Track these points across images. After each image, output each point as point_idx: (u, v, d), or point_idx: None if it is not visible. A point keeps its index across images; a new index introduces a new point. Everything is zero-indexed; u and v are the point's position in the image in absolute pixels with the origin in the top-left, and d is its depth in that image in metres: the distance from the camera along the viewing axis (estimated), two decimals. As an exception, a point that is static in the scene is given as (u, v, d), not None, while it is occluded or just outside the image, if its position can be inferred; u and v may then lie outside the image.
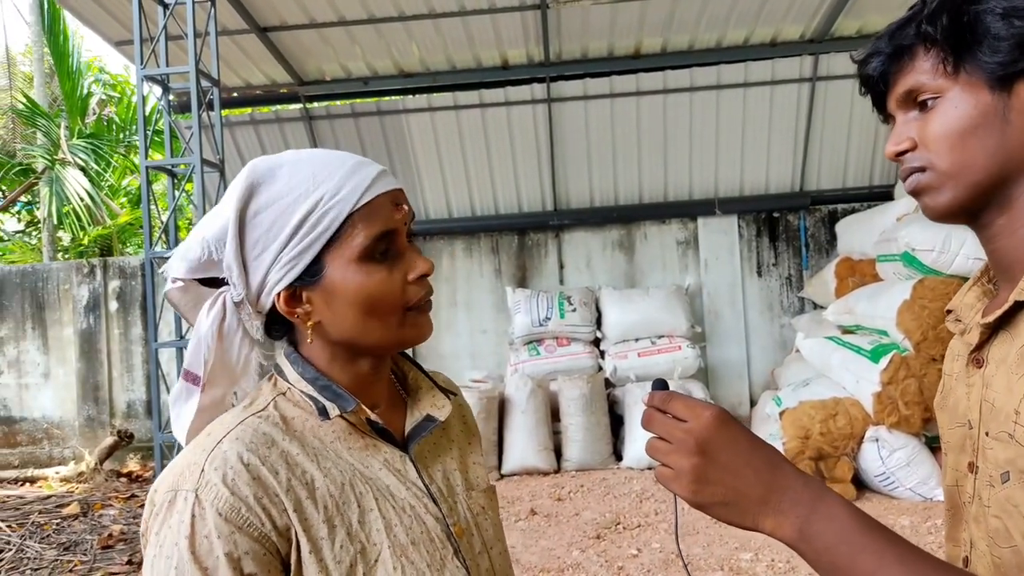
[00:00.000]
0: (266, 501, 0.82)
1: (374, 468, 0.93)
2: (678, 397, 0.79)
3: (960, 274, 4.82)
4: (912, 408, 4.57)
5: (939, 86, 0.83)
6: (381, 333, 0.91)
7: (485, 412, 5.81)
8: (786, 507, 0.73)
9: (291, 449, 0.87)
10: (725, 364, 6.99)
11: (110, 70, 14.23)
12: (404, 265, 0.92)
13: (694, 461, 0.75)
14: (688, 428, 0.76)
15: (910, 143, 0.86)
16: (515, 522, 4.77)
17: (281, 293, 0.89)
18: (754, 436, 0.78)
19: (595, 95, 6.66)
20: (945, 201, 0.84)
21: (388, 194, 0.92)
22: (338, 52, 6.35)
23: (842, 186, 7.06)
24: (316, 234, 0.87)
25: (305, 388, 0.92)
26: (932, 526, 4.23)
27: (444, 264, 7.25)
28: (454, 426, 1.11)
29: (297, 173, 0.89)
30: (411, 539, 0.90)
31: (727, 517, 0.75)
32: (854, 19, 6.16)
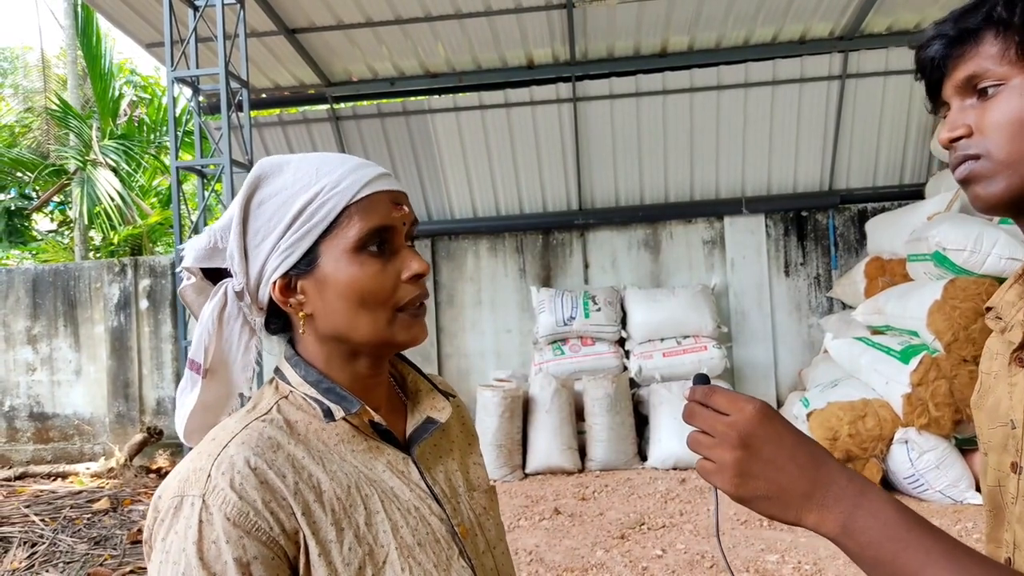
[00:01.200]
0: (274, 505, 0.82)
1: (378, 470, 0.93)
2: (720, 391, 0.78)
3: (992, 274, 4.74)
4: (942, 409, 4.51)
5: (1004, 73, 0.80)
6: (370, 329, 0.91)
7: (509, 411, 5.81)
8: (830, 502, 0.72)
9: (297, 452, 0.87)
10: (752, 365, 6.93)
11: (141, 72, 14.44)
12: (399, 263, 0.93)
13: (737, 455, 0.74)
14: (731, 422, 0.75)
15: (966, 129, 0.83)
16: (539, 521, 4.77)
17: (276, 282, 0.91)
18: (798, 431, 0.77)
19: (621, 94, 6.64)
20: (998, 191, 0.81)
21: (388, 193, 0.93)
22: (365, 53, 6.39)
23: (872, 185, 6.96)
24: (313, 223, 0.89)
25: (308, 391, 0.93)
26: (962, 529, 4.16)
27: (469, 263, 7.27)
28: (453, 428, 1.12)
29: (302, 168, 0.92)
30: (417, 540, 0.90)
31: (769, 511, 0.75)
32: (884, 16, 6.08)
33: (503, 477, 5.68)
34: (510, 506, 5.04)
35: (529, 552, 4.25)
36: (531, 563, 4.11)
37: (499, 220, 7.21)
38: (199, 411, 0.96)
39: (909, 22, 6.19)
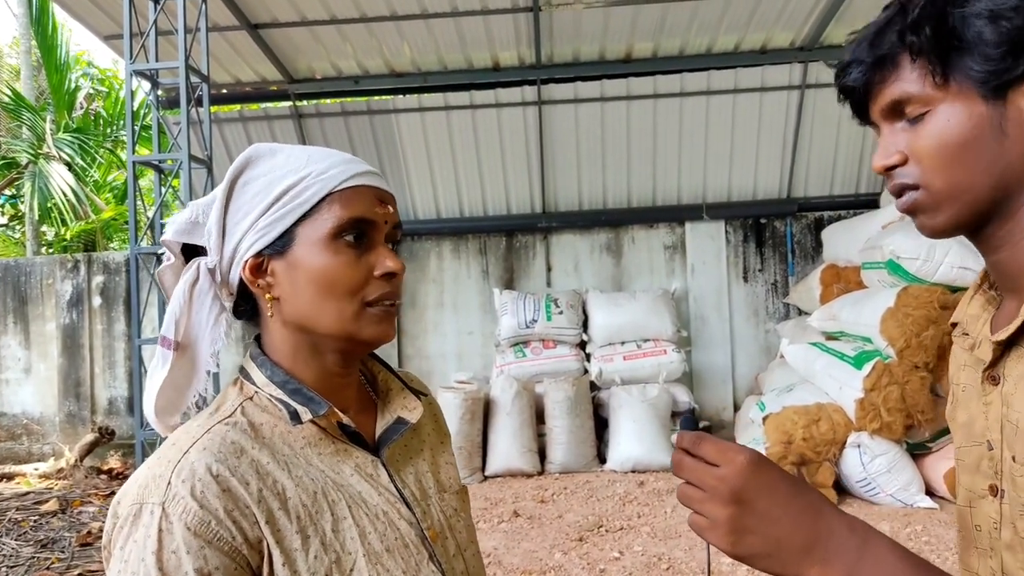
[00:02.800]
0: (237, 514, 0.80)
1: (345, 474, 0.91)
2: (709, 440, 0.74)
3: (944, 282, 4.86)
4: (894, 415, 4.61)
5: (928, 97, 0.77)
6: (335, 319, 0.90)
7: (470, 413, 5.80)
8: (831, 556, 0.69)
9: (261, 458, 0.85)
10: (710, 369, 7.02)
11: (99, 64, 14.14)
12: (373, 258, 0.92)
13: (730, 511, 0.71)
14: (721, 475, 0.71)
15: (900, 157, 0.80)
16: (498, 523, 4.77)
17: (248, 260, 0.91)
18: (792, 479, 0.73)
19: (585, 98, 6.67)
20: (943, 222, 0.79)
21: (374, 189, 0.93)
22: (329, 50, 6.33)
23: (829, 193, 7.10)
24: (294, 205, 0.89)
25: (274, 392, 0.91)
26: (912, 532, 4.26)
27: (432, 264, 7.25)
28: (426, 427, 1.10)
29: (294, 154, 0.93)
30: (386, 546, 0.88)
31: (769, 568, 0.71)
32: (844, 27, 6.20)
33: (463, 479, 5.65)
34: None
35: (487, 555, 4.24)
36: (489, 565, 4.10)
37: (463, 222, 7.19)
38: (167, 388, 0.94)
39: (867, 35, 6.32)
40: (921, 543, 4.12)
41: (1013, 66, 0.73)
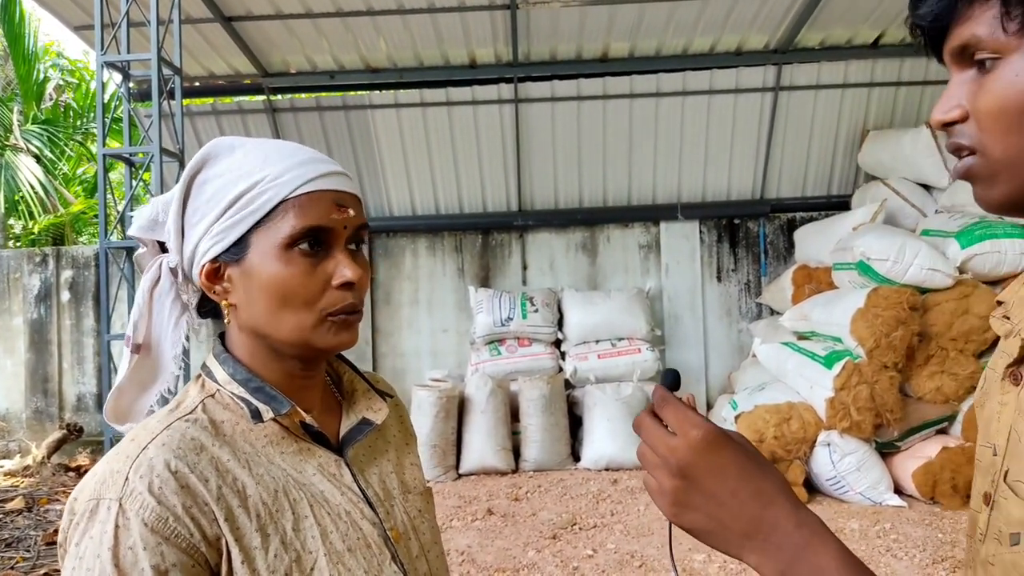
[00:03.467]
0: (195, 511, 0.79)
1: (308, 473, 0.90)
2: (673, 404, 0.71)
3: (913, 283, 4.94)
4: (863, 414, 4.67)
5: (999, 45, 0.64)
6: (291, 330, 0.88)
7: (444, 411, 5.79)
8: (771, 548, 0.66)
9: (221, 455, 0.84)
10: (683, 367, 7.05)
11: (68, 55, 13.86)
12: (331, 267, 0.89)
13: (675, 483, 0.69)
14: (673, 446, 0.69)
15: (960, 112, 0.69)
16: (472, 521, 4.77)
17: (205, 266, 0.89)
18: (748, 461, 0.69)
19: (562, 97, 6.68)
20: (999, 195, 0.69)
21: (332, 193, 0.90)
22: (304, 44, 6.27)
23: (801, 195, 7.17)
24: (247, 212, 0.87)
25: (236, 390, 0.90)
26: (880, 530, 4.33)
27: (407, 262, 7.22)
28: (391, 428, 1.09)
29: (252, 153, 0.90)
30: (347, 546, 0.88)
31: (710, 543, 0.69)
32: (818, 31, 6.27)
33: (436, 477, 5.66)
34: (443, 507, 5.02)
35: (461, 553, 4.24)
36: (463, 563, 4.10)
37: (438, 219, 7.17)
38: (127, 389, 0.93)
39: (841, 37, 6.40)
40: (890, 541, 4.18)
41: None
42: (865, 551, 4.05)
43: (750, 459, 0.69)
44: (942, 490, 4.64)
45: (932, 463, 4.70)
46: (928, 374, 4.90)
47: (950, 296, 4.92)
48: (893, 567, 3.86)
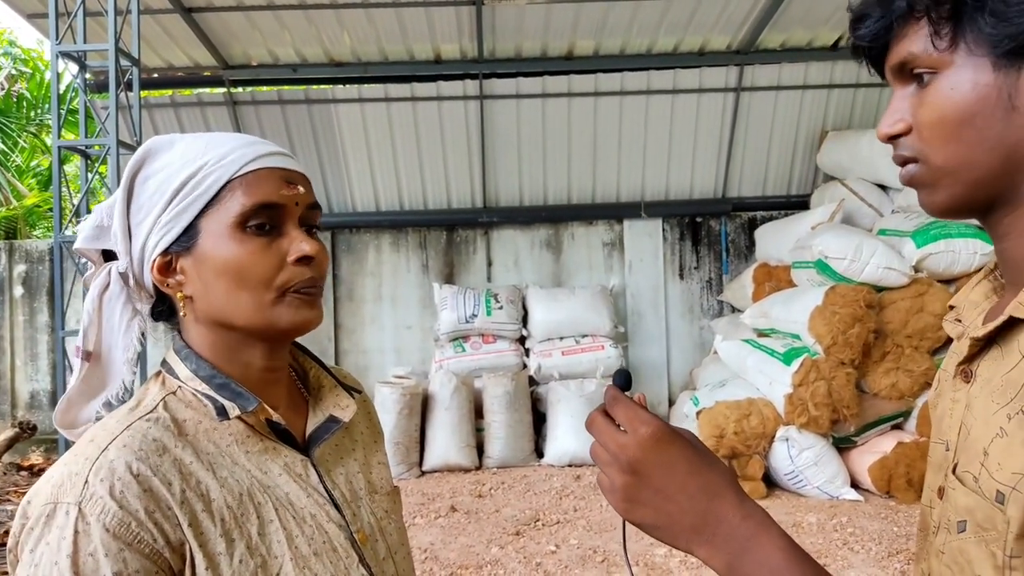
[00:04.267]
0: (158, 515, 0.76)
1: (273, 474, 0.88)
2: (624, 402, 0.73)
3: (870, 282, 5.04)
4: (821, 409, 4.75)
5: (934, 61, 0.68)
6: (251, 310, 0.86)
7: (408, 408, 5.76)
8: (719, 541, 0.68)
9: (184, 457, 0.82)
10: (646, 364, 7.12)
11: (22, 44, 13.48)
12: (286, 244, 0.87)
13: (626, 479, 0.71)
14: (623, 443, 0.71)
15: (904, 125, 0.72)
16: (435, 519, 4.76)
17: (156, 260, 0.87)
18: (696, 456, 0.71)
19: (527, 94, 6.68)
20: (942, 200, 0.72)
21: (280, 170, 0.89)
22: (266, 37, 6.19)
23: (762, 194, 7.28)
24: (194, 196, 0.85)
25: (200, 387, 0.87)
26: (837, 524, 4.41)
27: (370, 258, 7.16)
28: (358, 426, 1.07)
29: (191, 144, 0.88)
30: (313, 550, 0.86)
31: (661, 538, 0.72)
32: (779, 33, 6.36)
33: (400, 475, 5.63)
34: (406, 504, 5.00)
35: (424, 550, 4.23)
36: (425, 561, 4.09)
37: (402, 215, 7.13)
38: (76, 396, 0.90)
39: (802, 39, 6.50)
40: (846, 534, 4.27)
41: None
42: (822, 544, 4.13)
43: (698, 455, 0.71)
44: (897, 484, 4.75)
45: (887, 458, 4.81)
46: (884, 371, 5.01)
47: (905, 294, 5.04)
48: (850, 560, 3.94)
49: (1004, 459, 0.65)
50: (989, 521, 0.67)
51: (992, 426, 0.67)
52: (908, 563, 3.86)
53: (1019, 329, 0.69)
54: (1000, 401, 0.68)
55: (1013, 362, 0.68)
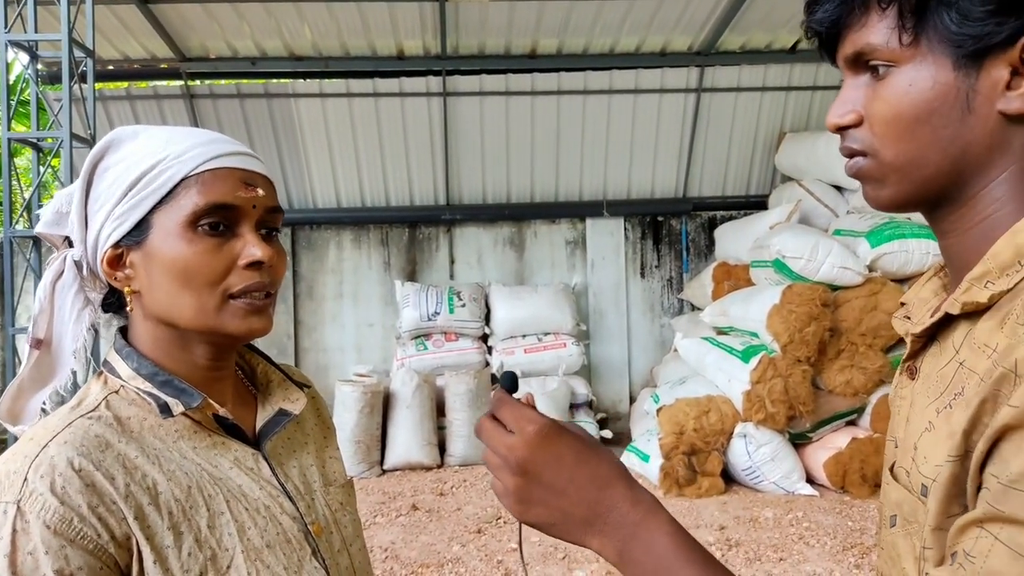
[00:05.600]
0: (102, 510, 0.75)
1: (224, 468, 0.87)
2: (508, 404, 0.74)
3: (825, 281, 5.13)
4: (778, 406, 4.83)
5: (894, 55, 0.67)
6: (194, 312, 0.84)
7: (369, 407, 5.72)
8: (609, 530, 0.69)
9: (129, 451, 0.80)
10: (607, 362, 7.18)
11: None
12: (238, 247, 0.86)
13: (516, 481, 0.71)
14: (511, 444, 0.71)
15: (855, 117, 0.71)
16: (396, 517, 4.73)
17: (107, 252, 0.86)
18: (584, 448, 0.72)
19: (491, 92, 6.68)
20: (888, 196, 0.72)
21: (239, 171, 0.87)
22: (224, 29, 6.08)
23: (721, 194, 7.37)
24: (148, 191, 0.84)
25: (142, 385, 0.86)
26: (793, 518, 4.49)
27: (331, 254, 7.10)
28: (309, 420, 1.07)
29: (155, 136, 0.87)
30: (266, 542, 0.85)
31: (557, 535, 0.72)
32: (739, 35, 6.45)
33: (360, 473, 5.59)
34: (366, 503, 4.97)
35: (385, 549, 4.20)
36: (386, 560, 4.07)
37: (364, 212, 7.07)
38: (26, 387, 0.89)
39: (761, 42, 6.60)
40: (802, 528, 4.35)
41: (996, 29, 0.63)
42: (779, 539, 4.20)
43: (586, 447, 0.72)
44: (851, 479, 4.85)
45: (842, 453, 4.91)
46: (838, 368, 5.11)
47: (860, 293, 5.14)
48: (805, 554, 4.01)
49: (930, 453, 0.66)
50: (913, 514, 0.69)
51: (923, 421, 0.69)
52: (863, 556, 3.95)
53: (955, 325, 0.70)
54: (932, 396, 0.69)
55: (948, 358, 0.69)
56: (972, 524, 0.58)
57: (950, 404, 0.65)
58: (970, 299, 0.66)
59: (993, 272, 0.65)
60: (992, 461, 0.58)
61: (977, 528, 0.58)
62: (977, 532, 0.57)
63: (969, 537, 0.58)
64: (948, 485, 0.63)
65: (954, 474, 0.62)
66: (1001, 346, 0.61)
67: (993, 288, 0.65)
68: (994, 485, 0.57)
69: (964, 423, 0.61)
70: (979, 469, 0.60)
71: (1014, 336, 0.60)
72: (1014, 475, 0.55)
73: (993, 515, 0.56)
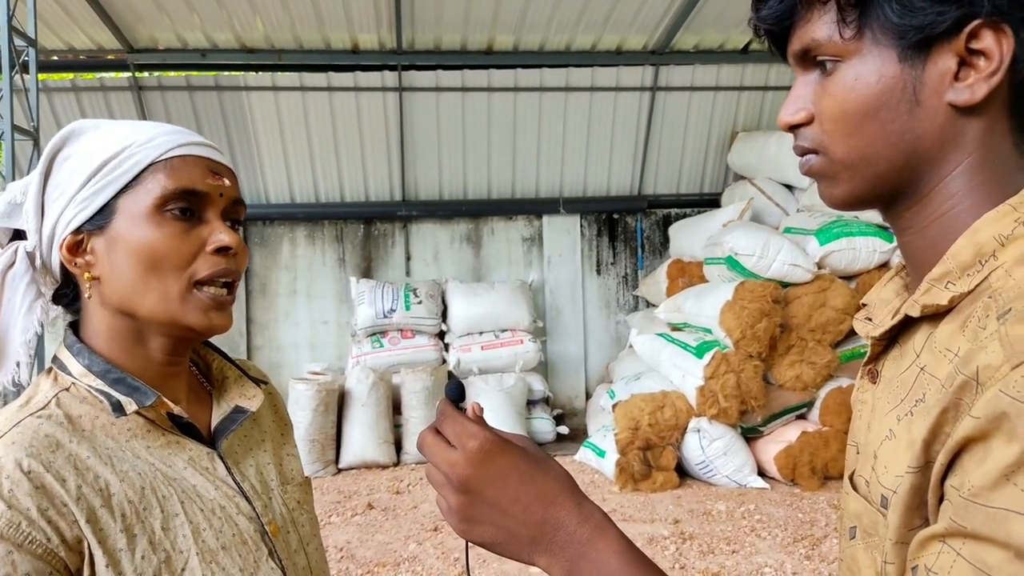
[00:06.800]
0: (52, 513, 0.73)
1: (178, 467, 0.85)
2: (451, 417, 0.70)
3: (776, 278, 5.23)
4: (730, 401, 4.91)
5: (838, 49, 0.65)
6: (158, 299, 0.83)
7: (323, 405, 5.66)
8: (556, 548, 0.66)
9: (80, 452, 0.78)
10: (564, 358, 7.21)
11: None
12: (205, 233, 0.85)
13: (459, 499, 0.68)
14: (453, 461, 0.67)
15: (806, 115, 0.70)
16: (351, 516, 4.69)
17: (66, 238, 0.84)
18: (530, 464, 0.68)
19: (447, 87, 6.65)
20: (841, 193, 0.70)
21: (206, 160, 0.88)
22: (174, 20, 5.94)
23: (676, 192, 7.46)
24: (114, 176, 0.83)
25: (93, 383, 0.83)
26: (745, 511, 4.57)
27: (284, 251, 6.99)
28: (266, 417, 1.05)
29: (119, 127, 0.87)
30: (222, 543, 0.84)
31: (503, 553, 0.69)
32: (692, 35, 6.53)
33: (315, 473, 5.52)
34: (321, 502, 4.91)
35: (340, 549, 4.16)
36: (341, 560, 4.03)
37: (318, 207, 6.98)
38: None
39: (714, 42, 6.69)
40: (754, 521, 4.43)
41: (938, 19, 0.62)
42: (731, 531, 4.27)
43: (531, 462, 0.69)
44: (801, 472, 4.95)
45: (792, 447, 5.01)
46: (788, 363, 5.21)
47: (809, 290, 5.25)
48: (757, 546, 4.09)
49: (890, 462, 0.64)
50: (873, 527, 0.67)
51: (884, 428, 0.67)
52: (812, 548, 4.04)
53: (916, 328, 0.68)
54: (893, 402, 0.67)
55: (908, 362, 0.67)
56: (933, 539, 0.56)
57: (911, 411, 0.63)
58: (930, 301, 0.65)
59: (953, 273, 0.64)
60: (953, 473, 0.57)
61: (939, 543, 0.56)
62: (939, 547, 0.56)
63: (930, 552, 0.56)
64: (908, 497, 0.61)
65: (915, 486, 0.61)
66: (963, 351, 0.59)
67: (954, 289, 0.63)
68: (956, 499, 0.55)
69: (924, 432, 0.60)
70: (940, 481, 0.58)
71: (975, 341, 0.58)
72: (976, 489, 0.53)
73: (955, 530, 0.54)
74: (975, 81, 0.63)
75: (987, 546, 0.52)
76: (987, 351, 0.56)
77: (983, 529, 0.52)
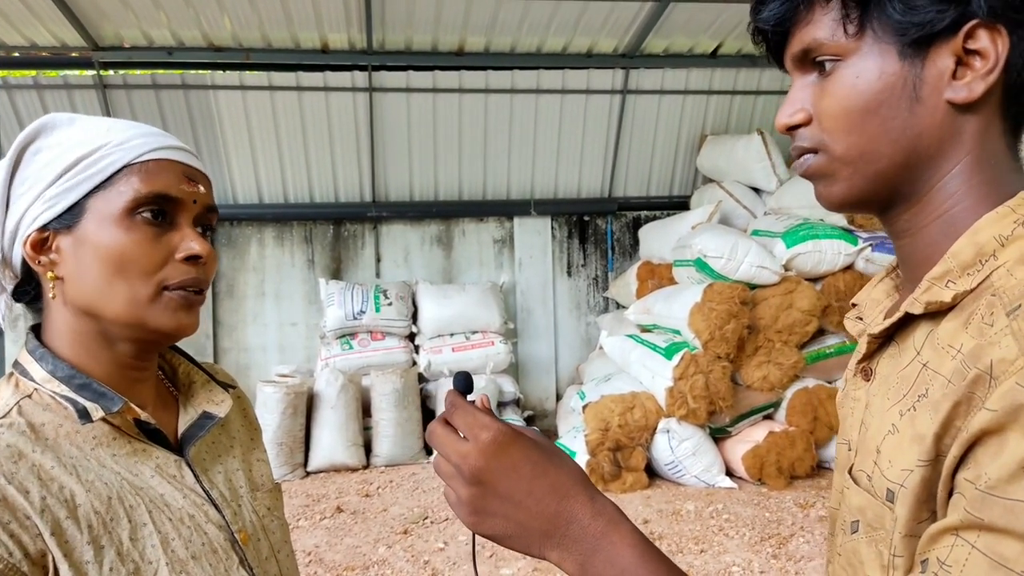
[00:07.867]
0: (14, 526, 0.71)
1: (145, 476, 0.83)
2: (463, 408, 0.69)
3: (744, 280, 5.29)
4: (699, 401, 4.96)
5: (839, 47, 0.67)
6: (124, 303, 0.81)
7: (292, 408, 5.60)
8: (569, 542, 0.66)
9: (44, 462, 0.76)
10: (535, 359, 7.22)
11: None
12: (176, 239, 0.84)
13: (471, 491, 0.67)
14: (464, 452, 0.67)
15: (804, 116, 0.71)
16: (320, 520, 4.65)
17: (31, 235, 0.82)
18: (543, 456, 0.68)
19: (418, 88, 6.62)
20: (840, 192, 0.70)
21: (182, 165, 0.86)
22: (139, 17, 5.84)
23: (646, 194, 7.51)
24: (86, 175, 0.81)
25: (57, 388, 0.81)
26: (714, 511, 4.62)
27: (252, 252, 6.91)
28: (234, 422, 1.03)
29: (95, 124, 0.84)
30: (191, 553, 0.82)
31: (514, 547, 0.68)
32: (662, 38, 6.57)
33: (283, 476, 5.47)
34: (290, 506, 4.86)
35: (308, 553, 4.12)
36: (310, 564, 3.99)
37: (287, 208, 6.92)
38: None
39: (683, 46, 6.75)
40: (722, 520, 4.47)
41: (938, 17, 0.63)
42: (700, 531, 4.31)
43: (544, 455, 0.68)
44: (768, 471, 5.01)
45: (759, 447, 5.07)
46: (756, 364, 5.27)
47: (776, 292, 5.32)
48: (725, 545, 4.13)
49: (895, 456, 0.65)
50: (878, 520, 0.67)
51: (885, 423, 0.67)
52: (779, 547, 4.09)
53: (915, 326, 0.69)
54: (894, 398, 0.67)
55: (908, 359, 0.68)
56: (946, 532, 0.57)
57: (914, 406, 0.64)
58: (933, 299, 0.65)
59: (954, 271, 0.65)
60: (967, 466, 0.57)
61: (952, 536, 0.56)
62: (952, 540, 0.56)
63: (943, 545, 0.56)
64: (918, 490, 0.62)
65: (925, 479, 0.61)
66: (967, 347, 0.60)
67: (956, 288, 0.64)
68: (970, 491, 0.55)
69: (935, 427, 0.60)
70: (951, 474, 0.58)
71: (982, 337, 0.59)
72: (992, 481, 0.54)
73: (970, 522, 0.55)
74: (972, 79, 0.64)
75: (1004, 538, 0.52)
76: (1000, 346, 0.57)
77: (1000, 521, 0.53)
